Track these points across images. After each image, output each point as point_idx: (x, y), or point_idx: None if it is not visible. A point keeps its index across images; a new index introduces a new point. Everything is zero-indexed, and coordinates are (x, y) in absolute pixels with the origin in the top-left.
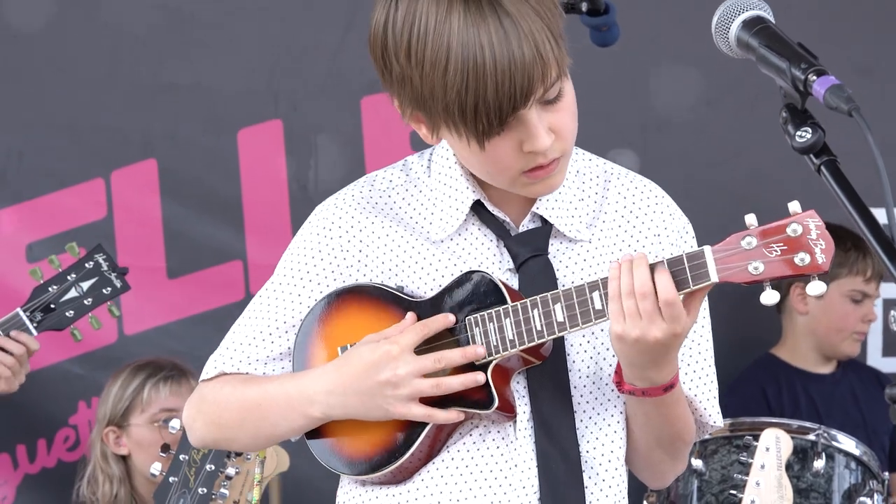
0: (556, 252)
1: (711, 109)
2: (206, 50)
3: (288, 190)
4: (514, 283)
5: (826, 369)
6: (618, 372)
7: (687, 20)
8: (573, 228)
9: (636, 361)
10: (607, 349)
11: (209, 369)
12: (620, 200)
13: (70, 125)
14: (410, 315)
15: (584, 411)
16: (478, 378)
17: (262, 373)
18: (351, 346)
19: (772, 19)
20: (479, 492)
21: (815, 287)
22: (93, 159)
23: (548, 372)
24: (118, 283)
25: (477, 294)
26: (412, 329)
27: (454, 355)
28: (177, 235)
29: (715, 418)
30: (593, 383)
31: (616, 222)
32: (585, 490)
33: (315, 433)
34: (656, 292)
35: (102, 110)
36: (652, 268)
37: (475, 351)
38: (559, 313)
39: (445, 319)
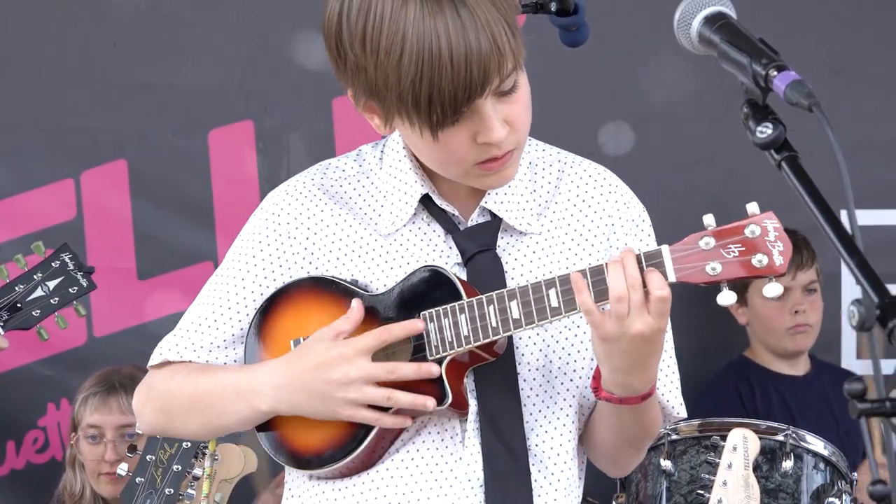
0: (506, 245)
1: (685, 110)
2: (177, 50)
3: (259, 191)
4: (463, 277)
5: (799, 371)
6: (595, 377)
7: (668, 22)
8: (523, 221)
9: (619, 364)
10: (557, 342)
11: (155, 355)
12: (574, 189)
13: (40, 125)
14: (356, 303)
15: (535, 404)
16: (428, 404)
17: (205, 360)
18: (304, 339)
19: (734, 15)
20: (425, 485)
21: (772, 289)
22: (63, 159)
23: (496, 366)
24: (84, 282)
25: (432, 289)
26: (371, 334)
27: (408, 370)
28: (147, 237)
29: (678, 409)
30: (542, 376)
31: (568, 211)
32: (534, 483)
33: (265, 426)
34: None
35: (73, 110)
36: (640, 266)
37: (429, 369)
38: (515, 310)
39: (413, 326)
